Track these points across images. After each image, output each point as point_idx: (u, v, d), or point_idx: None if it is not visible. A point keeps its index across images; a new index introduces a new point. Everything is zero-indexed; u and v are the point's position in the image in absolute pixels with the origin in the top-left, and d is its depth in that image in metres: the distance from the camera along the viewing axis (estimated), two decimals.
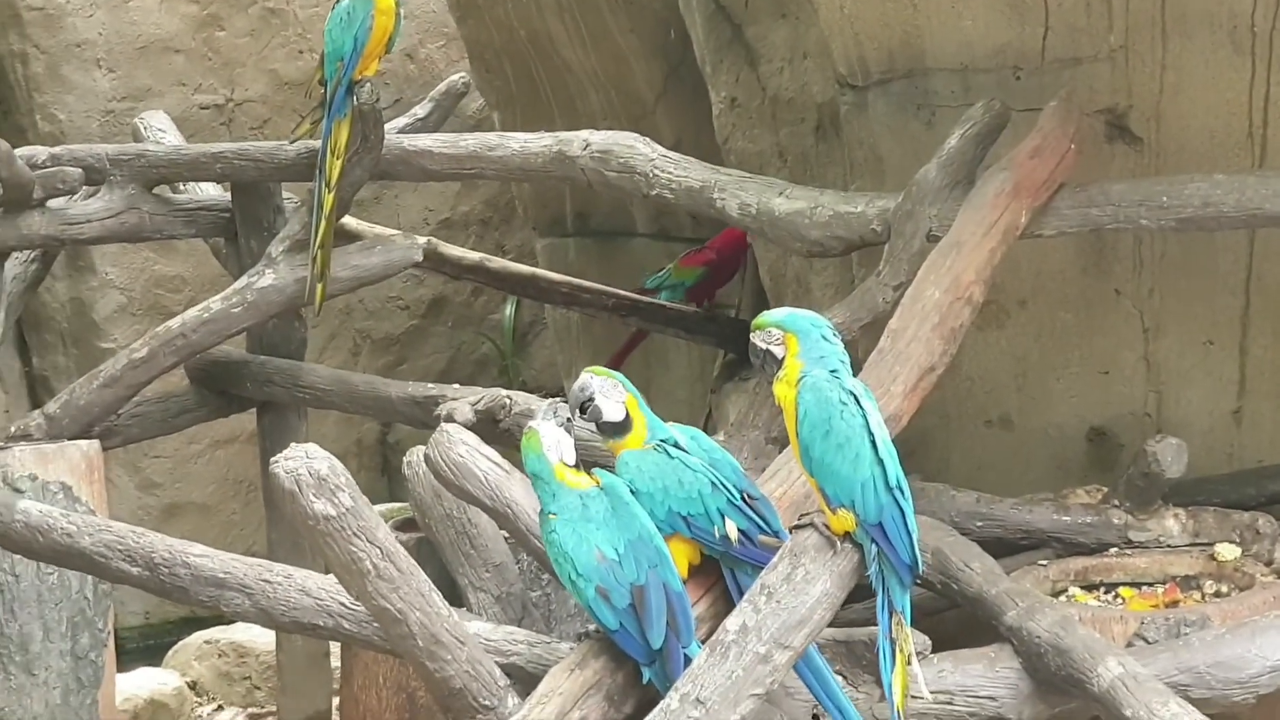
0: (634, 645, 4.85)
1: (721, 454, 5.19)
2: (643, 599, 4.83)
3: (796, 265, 7.85)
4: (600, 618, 4.86)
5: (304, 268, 7.45)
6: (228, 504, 11.02)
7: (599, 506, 4.94)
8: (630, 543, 4.89)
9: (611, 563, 4.86)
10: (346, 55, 7.23)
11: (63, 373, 10.56)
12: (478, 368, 11.87)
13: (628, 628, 4.84)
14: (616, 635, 4.85)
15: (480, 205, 11.85)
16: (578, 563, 4.87)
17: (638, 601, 4.83)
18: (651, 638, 4.82)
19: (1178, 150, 6.52)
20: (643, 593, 4.83)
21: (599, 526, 4.90)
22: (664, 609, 4.84)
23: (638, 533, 4.90)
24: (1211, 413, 6.85)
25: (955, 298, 5.81)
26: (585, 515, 4.93)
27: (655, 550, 4.90)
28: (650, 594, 4.84)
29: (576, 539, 4.90)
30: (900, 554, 4.84)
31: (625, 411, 5.10)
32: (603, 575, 4.86)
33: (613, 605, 4.84)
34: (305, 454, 4.61)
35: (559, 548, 4.91)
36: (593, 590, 4.85)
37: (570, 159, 7.26)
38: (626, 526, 4.91)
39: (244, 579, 5.53)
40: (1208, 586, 6.11)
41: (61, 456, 7.07)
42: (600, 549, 4.88)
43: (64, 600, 6.98)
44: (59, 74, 10.55)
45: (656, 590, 4.85)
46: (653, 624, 4.82)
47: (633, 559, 4.87)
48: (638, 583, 4.84)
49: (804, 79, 7.67)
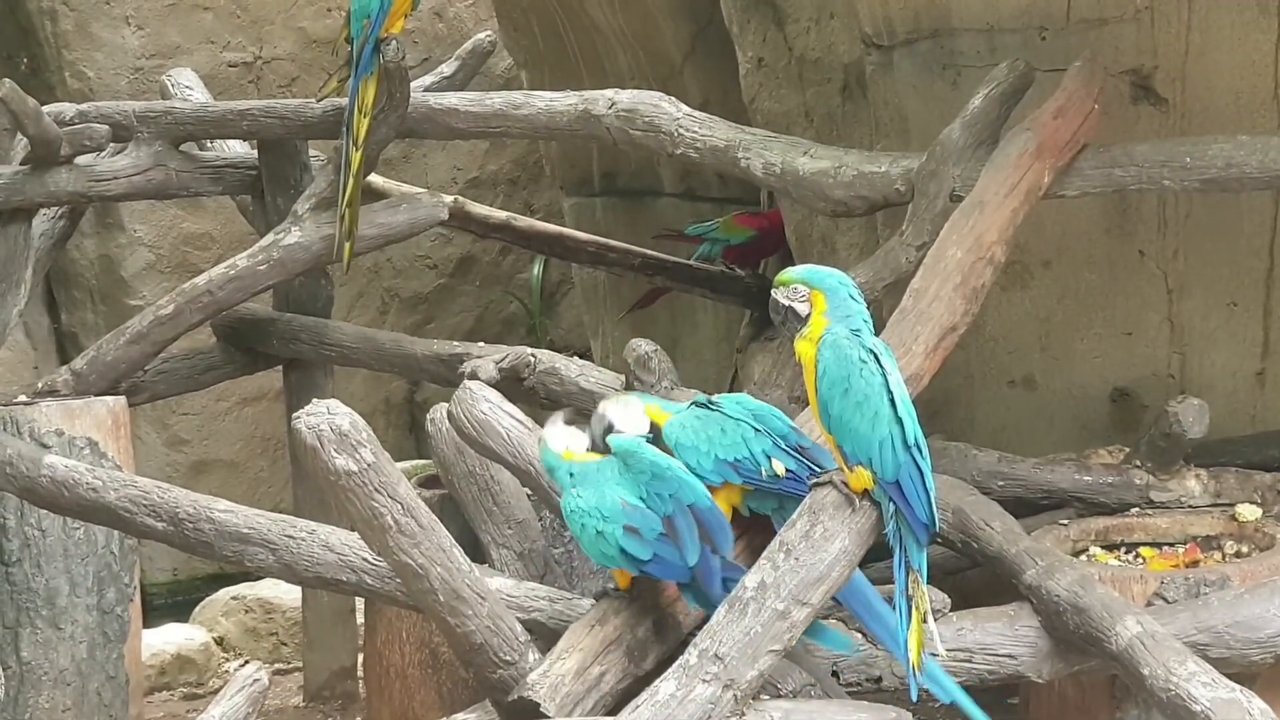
0: (669, 570, 4.93)
1: (768, 410, 5.24)
2: (673, 526, 4.91)
3: (822, 225, 7.85)
4: (633, 552, 4.91)
5: (330, 225, 7.47)
6: (255, 461, 11.04)
7: (613, 469, 5.02)
8: (647, 485, 4.96)
9: (635, 507, 4.91)
10: (373, 13, 7.23)
11: (91, 329, 10.57)
12: (505, 327, 11.87)
13: (661, 554, 4.91)
14: (650, 566, 4.92)
15: (508, 164, 11.84)
16: (602, 509, 4.94)
17: (669, 530, 4.91)
18: (688, 556, 4.89)
19: (1202, 111, 6.52)
20: (671, 521, 4.91)
21: (617, 483, 4.97)
22: (694, 528, 4.91)
23: (650, 473, 4.97)
24: (1235, 374, 6.85)
25: (977, 258, 5.82)
26: (601, 477, 5.00)
27: (675, 479, 4.97)
28: (679, 519, 4.91)
29: (598, 494, 4.97)
30: (917, 512, 4.86)
31: (648, 421, 5.15)
32: (629, 515, 4.93)
33: (643, 538, 4.91)
34: (327, 410, 4.63)
35: (580, 509, 4.97)
36: (621, 529, 4.92)
37: (595, 118, 7.27)
38: (640, 472, 4.98)
39: (268, 534, 5.58)
40: (1228, 547, 6.11)
41: (88, 412, 7.09)
42: (623, 498, 4.95)
43: (90, 555, 7.02)
44: (88, 31, 10.55)
45: (683, 514, 4.92)
46: (686, 545, 4.89)
47: (655, 497, 4.94)
48: (666, 513, 4.92)
49: (830, 39, 7.67)
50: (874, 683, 5.37)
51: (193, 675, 8.70)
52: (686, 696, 4.60)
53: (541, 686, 4.78)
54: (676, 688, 4.61)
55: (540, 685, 4.78)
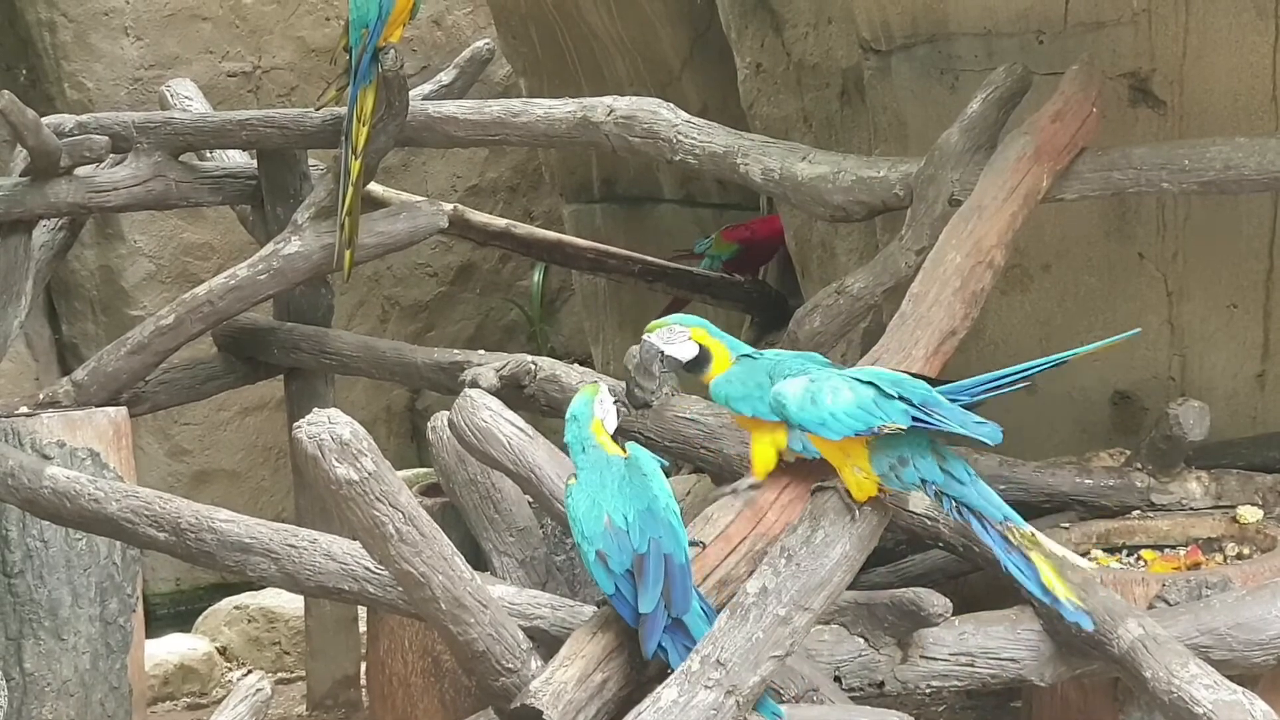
0: (626, 608, 4.88)
1: (821, 359, 5.25)
2: (641, 566, 4.86)
3: (821, 230, 7.86)
4: (598, 580, 4.92)
5: (330, 234, 7.47)
6: (257, 470, 11.06)
7: (617, 475, 5.00)
8: (640, 513, 4.93)
9: (618, 530, 4.91)
10: (371, 22, 7.23)
11: (92, 340, 10.60)
12: (506, 334, 11.89)
13: (623, 592, 4.87)
14: (612, 599, 4.90)
15: (508, 172, 11.87)
16: (584, 525, 4.94)
17: (636, 569, 4.86)
18: (641, 603, 4.83)
19: (1200, 113, 6.52)
20: (642, 561, 4.87)
21: (613, 495, 4.96)
22: (660, 579, 4.86)
23: (648, 504, 4.95)
24: (1235, 376, 6.85)
25: (977, 262, 5.83)
26: (602, 482, 4.99)
27: (664, 524, 4.93)
28: (649, 563, 4.86)
29: (589, 504, 4.97)
30: (955, 422, 4.76)
31: (696, 345, 5.15)
32: (605, 541, 4.91)
33: (610, 570, 4.89)
34: (328, 419, 4.62)
35: (572, 511, 4.99)
36: (593, 554, 4.91)
37: (594, 125, 7.27)
38: (638, 497, 4.96)
39: (269, 544, 5.58)
40: (1230, 549, 6.11)
41: (89, 423, 7.10)
42: (610, 516, 4.93)
43: (92, 566, 7.03)
44: (87, 42, 10.58)
45: (656, 560, 4.87)
46: (647, 590, 4.84)
47: (639, 528, 4.91)
48: (640, 550, 4.88)
49: (828, 44, 7.68)
50: (876, 687, 5.37)
51: (196, 685, 8.71)
52: (689, 703, 4.59)
53: (544, 694, 4.77)
54: (679, 694, 4.61)
55: (543, 693, 4.78)
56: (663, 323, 5.33)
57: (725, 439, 6.06)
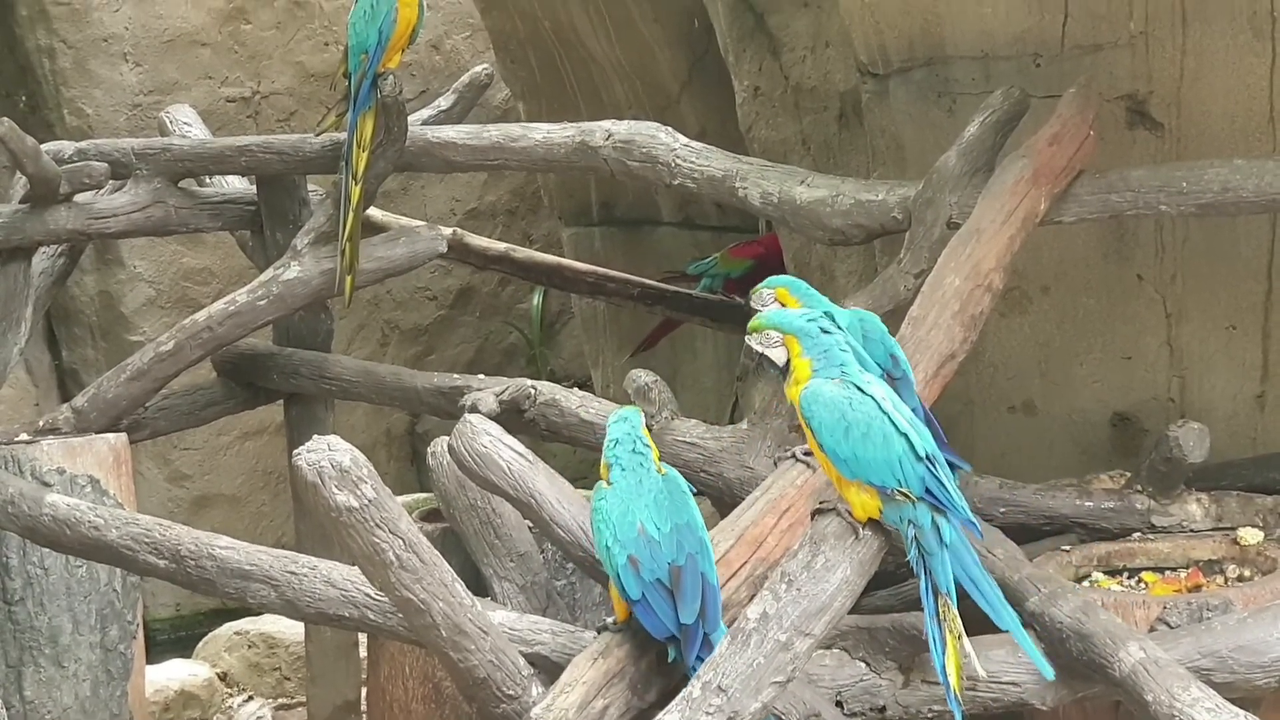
0: (651, 618, 4.90)
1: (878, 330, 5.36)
2: (679, 578, 4.89)
3: (821, 253, 7.87)
4: (625, 585, 4.91)
5: (329, 260, 7.48)
6: (257, 495, 11.06)
7: (654, 487, 5.03)
8: (676, 526, 4.96)
9: (651, 539, 4.93)
10: (371, 48, 7.25)
11: (92, 366, 10.61)
12: (506, 357, 11.90)
13: (649, 600, 4.89)
14: (636, 606, 4.91)
15: (506, 195, 11.88)
16: (618, 530, 4.95)
17: (674, 580, 4.89)
18: (683, 614, 4.86)
19: (1198, 135, 6.52)
20: (680, 572, 4.89)
21: (648, 505, 4.99)
22: (699, 593, 4.88)
23: (686, 520, 4.98)
24: (1235, 397, 6.85)
25: (975, 285, 5.83)
26: (639, 491, 5.02)
27: (699, 541, 4.97)
28: (687, 576, 4.89)
29: (623, 509, 4.98)
30: (959, 513, 4.79)
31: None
32: (638, 547, 4.93)
33: (640, 576, 4.90)
34: (328, 446, 4.63)
35: (603, 514, 4.99)
36: (624, 558, 4.92)
37: (593, 149, 7.28)
38: (677, 513, 4.98)
39: (269, 571, 5.58)
40: (1231, 571, 6.10)
41: (89, 450, 7.10)
42: (643, 524, 4.96)
43: (93, 593, 7.03)
44: (86, 68, 10.59)
45: (693, 575, 4.90)
46: (686, 603, 4.87)
47: (675, 542, 4.93)
48: (676, 563, 4.90)
49: (826, 67, 7.70)
50: (878, 712, 5.36)
51: (197, 711, 8.71)
52: None
53: None
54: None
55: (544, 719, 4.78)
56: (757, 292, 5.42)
57: (725, 463, 6.08)
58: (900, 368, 5.39)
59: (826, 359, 4.88)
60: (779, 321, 4.95)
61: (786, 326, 4.93)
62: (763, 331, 4.93)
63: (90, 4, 10.58)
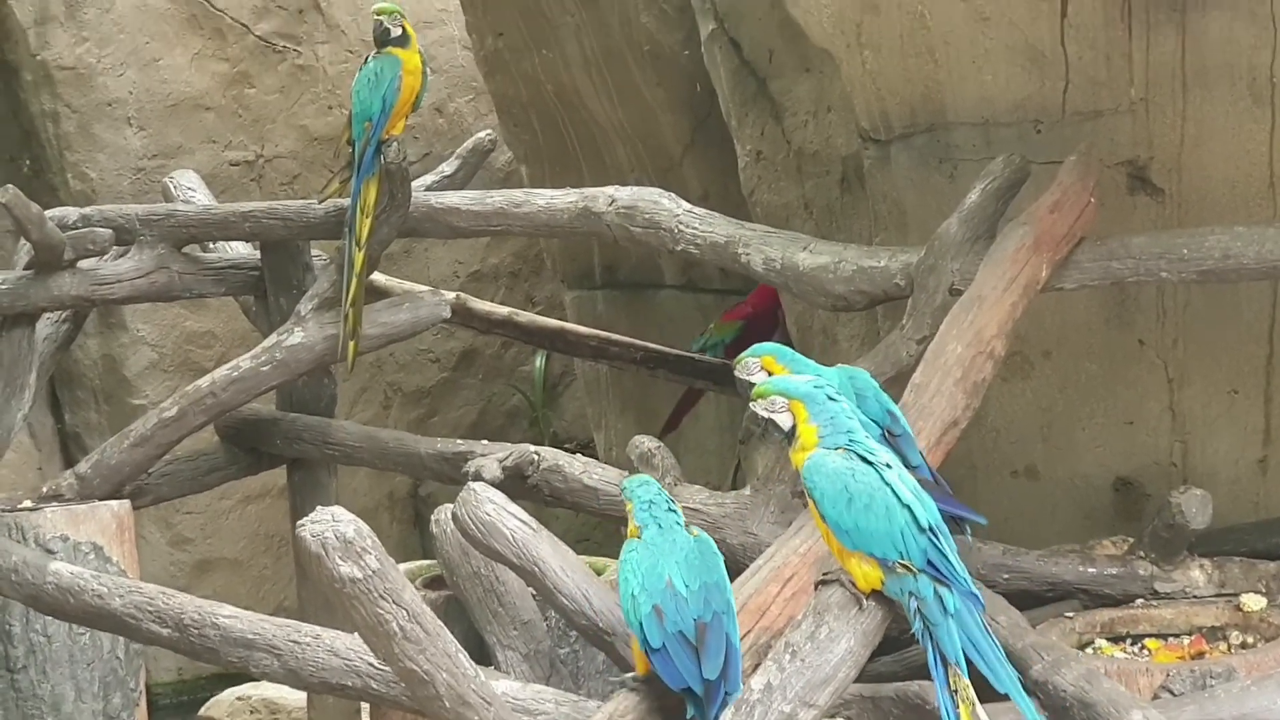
0: (669, 669, 4.91)
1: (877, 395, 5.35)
2: (705, 634, 4.91)
3: (823, 317, 7.88)
4: (647, 633, 4.92)
5: (333, 325, 7.49)
6: (259, 559, 11.04)
7: (685, 546, 5.06)
8: (705, 585, 4.98)
9: (677, 593, 4.95)
10: (375, 116, 7.29)
11: (95, 429, 10.61)
12: (509, 419, 11.90)
13: (670, 651, 4.90)
14: (656, 655, 4.92)
15: (509, 257, 11.91)
16: (645, 580, 4.97)
17: (699, 635, 4.90)
18: (707, 669, 4.87)
19: (1199, 201, 6.55)
20: (706, 629, 4.91)
21: (678, 562, 5.01)
22: (722, 650, 4.90)
23: (716, 580, 5.00)
24: (1237, 462, 6.86)
25: (977, 352, 5.84)
26: (670, 548, 5.04)
27: (726, 601, 4.99)
28: (712, 633, 4.91)
29: (652, 561, 5.01)
30: (961, 585, 4.77)
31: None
32: (664, 598, 4.94)
33: (663, 627, 4.91)
34: (331, 517, 4.62)
35: (632, 565, 5.02)
36: (649, 606, 4.94)
37: (596, 215, 7.30)
38: (707, 572, 5.00)
39: (272, 640, 5.57)
40: (1234, 637, 6.10)
41: (93, 517, 7.11)
42: (671, 578, 4.98)
43: (96, 660, 7.02)
44: (90, 132, 10.63)
45: (718, 632, 4.92)
46: (710, 658, 4.89)
47: (703, 599, 4.95)
48: (702, 619, 4.92)
49: (828, 132, 7.72)
50: None
51: None
52: None
53: None
54: None
55: None
56: (742, 361, 5.42)
57: (728, 529, 6.10)
58: (900, 424, 5.40)
59: (833, 425, 4.88)
60: (784, 387, 4.95)
61: (793, 392, 4.92)
62: (768, 397, 4.92)
63: (95, 69, 10.62)
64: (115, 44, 10.63)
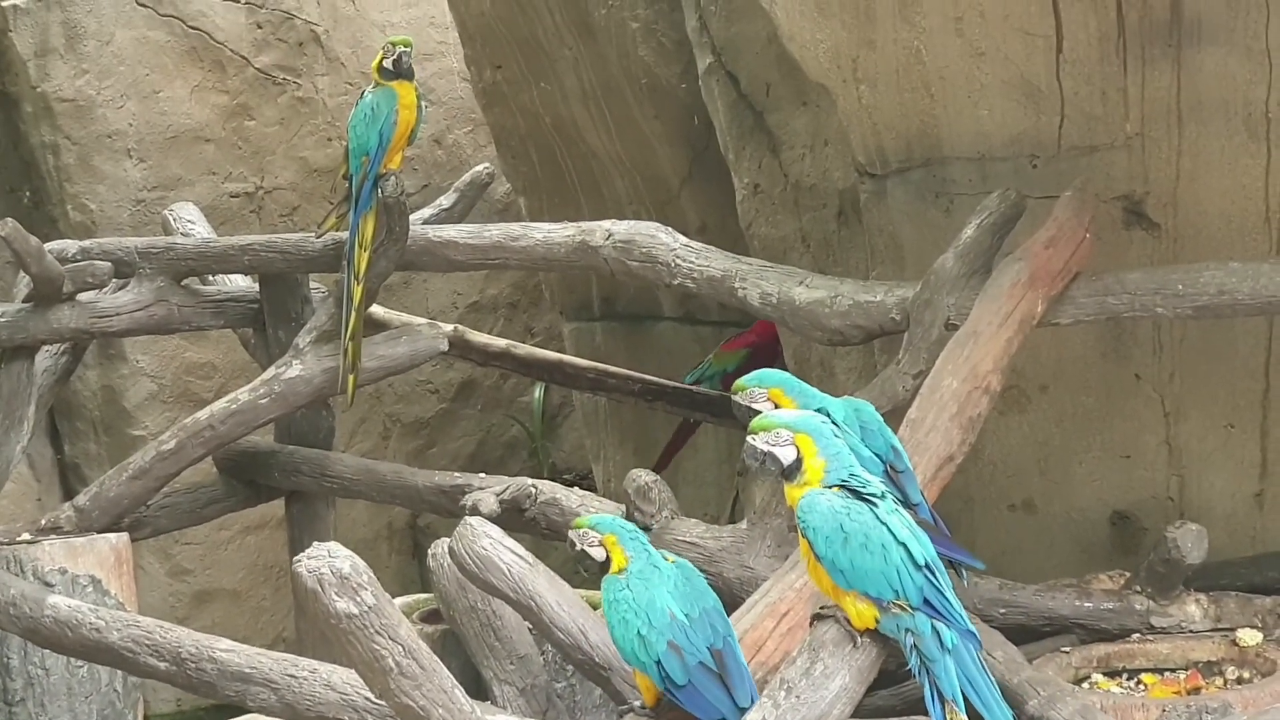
0: (700, 703, 4.90)
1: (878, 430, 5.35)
2: (723, 661, 4.92)
3: (821, 350, 7.88)
4: (669, 671, 4.91)
5: (331, 358, 7.51)
6: (258, 590, 11.03)
7: (672, 575, 5.06)
8: (705, 611, 4.98)
9: (681, 623, 4.93)
10: (372, 151, 7.32)
11: (94, 460, 10.61)
12: (507, 451, 11.89)
13: (696, 684, 4.89)
14: (683, 692, 4.91)
15: (508, 289, 11.91)
16: (651, 616, 4.95)
17: (719, 662, 4.91)
18: (739, 696, 4.88)
19: (1195, 235, 6.56)
20: (722, 655, 4.92)
21: (670, 592, 5.01)
22: (745, 674, 4.92)
23: (712, 604, 5.01)
24: (1234, 496, 6.86)
25: (973, 387, 5.86)
26: (660, 579, 5.03)
27: (727, 624, 5.00)
28: (729, 658, 4.92)
29: (648, 596, 4.98)
30: (958, 623, 4.78)
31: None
32: (675, 631, 4.93)
33: (684, 661, 4.90)
34: (328, 552, 4.63)
35: (628, 603, 4.99)
36: (664, 644, 4.92)
37: (593, 249, 7.32)
38: (701, 598, 5.01)
39: (269, 674, 5.59)
40: (1230, 672, 6.10)
41: (91, 550, 7.12)
42: (672, 610, 4.97)
43: (94, 693, 7.03)
44: (90, 164, 10.64)
45: (734, 657, 4.93)
46: (738, 685, 4.90)
47: (706, 625, 4.95)
48: (715, 645, 4.93)
49: (825, 166, 7.74)
50: None
51: None
52: None
53: None
54: None
55: None
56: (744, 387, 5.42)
57: (725, 563, 6.10)
58: (902, 460, 5.40)
59: (838, 461, 4.87)
60: (791, 421, 4.90)
61: (801, 426, 4.87)
62: (772, 430, 4.86)
63: (94, 100, 10.63)
64: (115, 76, 10.64)
